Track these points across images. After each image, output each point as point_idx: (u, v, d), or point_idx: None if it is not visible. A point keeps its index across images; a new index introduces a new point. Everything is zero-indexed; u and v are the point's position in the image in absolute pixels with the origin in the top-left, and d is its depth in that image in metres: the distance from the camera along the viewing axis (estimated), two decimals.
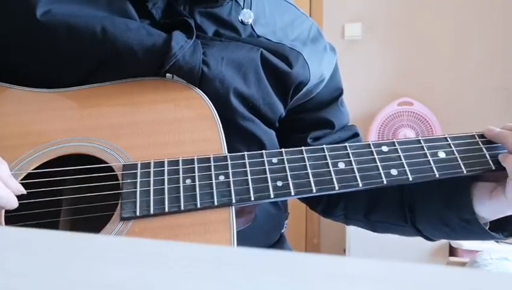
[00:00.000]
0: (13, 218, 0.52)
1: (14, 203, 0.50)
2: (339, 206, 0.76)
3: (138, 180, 0.53)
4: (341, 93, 0.78)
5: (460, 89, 2.24)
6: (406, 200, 0.69)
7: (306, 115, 0.75)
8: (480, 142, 0.59)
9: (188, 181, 0.53)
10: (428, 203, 0.67)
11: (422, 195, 0.67)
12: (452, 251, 1.94)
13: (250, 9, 0.70)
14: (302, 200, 0.79)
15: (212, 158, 0.55)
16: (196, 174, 0.54)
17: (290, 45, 0.69)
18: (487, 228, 0.61)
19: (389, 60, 2.31)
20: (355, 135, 0.78)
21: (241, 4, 0.69)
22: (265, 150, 0.62)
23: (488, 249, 1.59)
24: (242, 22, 0.68)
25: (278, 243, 0.78)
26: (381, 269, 0.20)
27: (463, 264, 1.58)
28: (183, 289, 0.18)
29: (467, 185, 0.62)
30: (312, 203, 0.80)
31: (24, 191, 0.51)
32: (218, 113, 0.59)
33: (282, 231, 0.79)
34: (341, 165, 0.56)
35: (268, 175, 0.54)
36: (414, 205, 0.68)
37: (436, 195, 0.65)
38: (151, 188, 0.52)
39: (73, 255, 0.21)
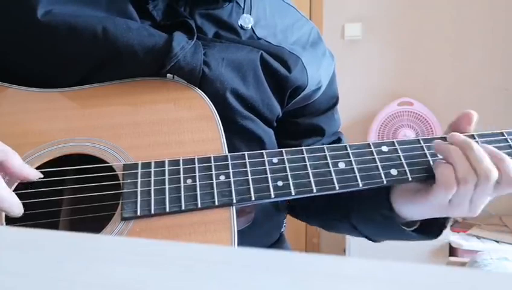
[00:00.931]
0: (14, 218, 0.52)
1: (18, 210, 0.49)
2: (304, 207, 0.77)
3: (139, 180, 0.53)
4: (337, 102, 0.79)
5: (460, 89, 2.25)
6: (342, 201, 0.68)
7: (301, 120, 0.75)
8: (479, 142, 0.59)
9: (189, 181, 0.53)
10: (358, 202, 0.67)
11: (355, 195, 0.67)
12: (452, 251, 1.95)
13: (251, 11, 0.70)
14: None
15: (212, 158, 0.55)
16: (197, 174, 0.53)
17: (289, 49, 0.69)
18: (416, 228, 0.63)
19: (389, 60, 2.31)
20: (338, 141, 0.79)
21: (242, 6, 0.69)
22: (266, 148, 0.62)
23: (488, 249, 1.59)
24: (242, 27, 0.68)
25: (277, 242, 0.78)
26: (381, 269, 0.20)
27: (463, 264, 1.58)
28: (183, 289, 0.18)
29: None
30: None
31: (41, 175, 0.52)
32: (218, 113, 0.59)
33: (282, 230, 0.79)
34: (341, 165, 0.56)
35: (268, 175, 0.54)
36: (349, 206, 0.68)
37: (364, 193, 0.64)
38: (152, 188, 0.52)
39: (74, 255, 0.21)
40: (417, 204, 0.59)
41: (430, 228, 0.63)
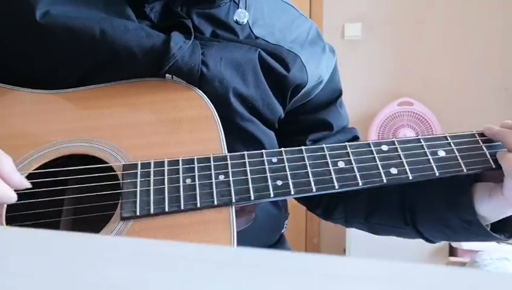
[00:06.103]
0: (14, 218, 0.52)
1: (12, 198, 0.48)
2: (338, 209, 0.76)
3: (138, 180, 0.53)
4: (340, 95, 0.78)
5: (460, 89, 2.24)
6: (406, 203, 0.68)
7: (304, 116, 0.75)
8: (480, 141, 0.59)
9: (188, 181, 0.53)
10: (429, 205, 0.66)
11: (423, 197, 0.67)
12: (452, 251, 1.95)
13: (246, 10, 0.69)
14: (302, 202, 0.79)
15: (212, 158, 0.55)
16: (196, 173, 0.53)
17: (288, 47, 0.69)
18: (488, 229, 0.61)
19: (389, 60, 2.31)
20: (355, 138, 0.78)
21: (239, 5, 0.69)
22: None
23: (488, 249, 1.59)
24: (237, 22, 0.68)
25: (277, 243, 0.78)
26: (381, 269, 0.20)
27: (463, 264, 1.59)
28: (184, 289, 0.18)
29: (468, 186, 0.61)
30: (311, 205, 0.80)
31: (29, 185, 0.51)
32: (217, 113, 0.59)
33: (282, 231, 0.79)
34: (341, 165, 0.56)
35: (268, 174, 0.54)
36: (415, 207, 0.68)
37: (437, 196, 0.65)
38: (151, 187, 0.52)
39: (74, 255, 0.21)
40: (493, 202, 0.59)
41: (505, 227, 0.63)
